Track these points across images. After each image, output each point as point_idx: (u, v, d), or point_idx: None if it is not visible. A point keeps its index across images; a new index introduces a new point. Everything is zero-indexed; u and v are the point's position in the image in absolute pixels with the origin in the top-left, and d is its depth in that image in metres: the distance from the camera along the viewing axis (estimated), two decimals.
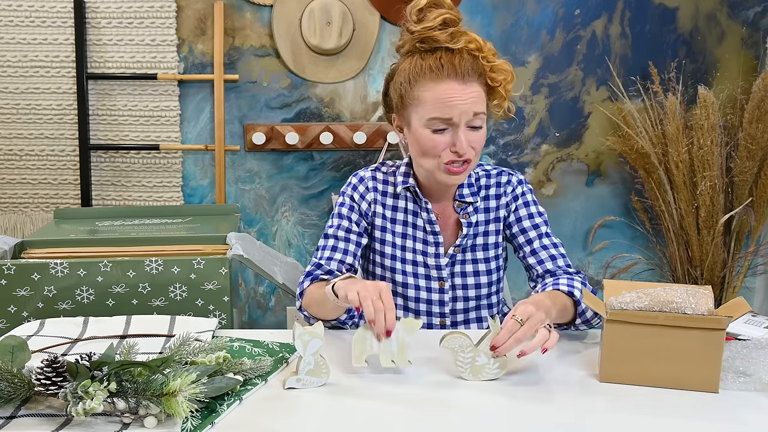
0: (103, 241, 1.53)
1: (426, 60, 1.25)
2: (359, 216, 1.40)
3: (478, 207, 1.39)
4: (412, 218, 1.39)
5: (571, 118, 2.54)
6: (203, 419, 0.89)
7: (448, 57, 1.24)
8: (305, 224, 2.56)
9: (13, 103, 2.40)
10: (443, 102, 1.23)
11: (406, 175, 1.39)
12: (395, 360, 1.04)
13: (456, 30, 1.24)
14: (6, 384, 0.89)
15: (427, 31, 1.24)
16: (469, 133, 1.26)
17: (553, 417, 0.94)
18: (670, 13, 2.48)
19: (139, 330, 1.22)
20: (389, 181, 1.42)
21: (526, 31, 2.47)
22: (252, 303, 2.61)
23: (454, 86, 1.23)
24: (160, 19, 2.38)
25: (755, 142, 2.28)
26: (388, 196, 1.41)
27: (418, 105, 1.26)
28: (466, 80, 1.23)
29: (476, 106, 1.24)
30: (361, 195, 1.40)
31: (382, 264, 1.40)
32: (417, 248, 1.38)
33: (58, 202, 2.48)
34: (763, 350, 1.06)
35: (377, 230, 1.40)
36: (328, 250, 1.36)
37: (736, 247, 2.42)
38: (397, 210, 1.40)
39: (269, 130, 2.46)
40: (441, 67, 1.23)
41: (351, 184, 1.43)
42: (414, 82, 1.26)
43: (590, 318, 1.25)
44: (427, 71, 1.24)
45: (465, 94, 1.23)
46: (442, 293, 1.38)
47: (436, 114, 1.24)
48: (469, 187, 1.39)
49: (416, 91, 1.26)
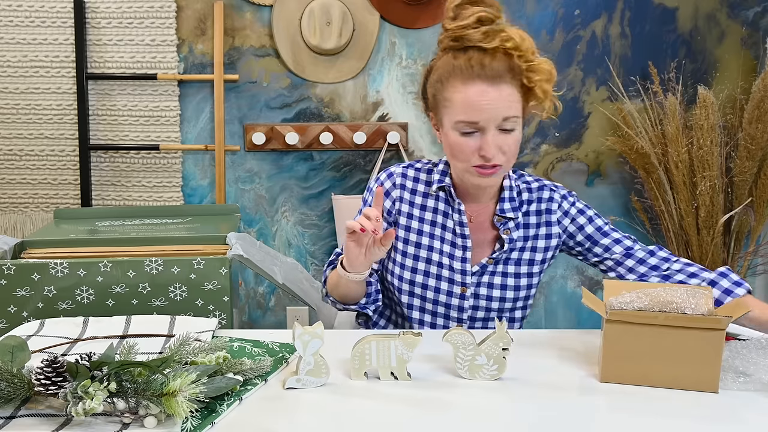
0: (103, 241, 1.53)
1: (458, 59, 1.21)
2: (381, 213, 1.35)
3: (520, 223, 1.34)
4: (441, 219, 1.35)
5: (571, 118, 2.54)
6: (203, 419, 0.89)
7: (479, 57, 1.20)
8: (305, 224, 2.56)
9: (13, 103, 2.40)
10: (470, 105, 1.19)
11: (444, 173, 1.35)
12: (394, 373, 1.04)
13: (491, 28, 1.20)
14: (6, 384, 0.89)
15: (461, 29, 1.21)
16: (498, 137, 1.21)
17: (553, 417, 0.94)
18: (669, 13, 2.48)
19: (139, 330, 1.22)
20: (421, 179, 1.38)
21: (525, 31, 2.46)
22: (252, 303, 2.61)
23: (483, 88, 1.19)
24: (160, 19, 2.38)
25: (755, 142, 2.28)
26: (418, 195, 1.37)
27: (448, 106, 1.23)
28: (497, 82, 1.19)
29: (506, 110, 1.20)
30: (386, 191, 1.37)
31: (403, 263, 1.36)
32: (444, 250, 1.33)
33: (58, 202, 2.48)
34: (763, 350, 1.06)
35: (401, 229, 1.36)
36: None
37: (736, 247, 2.42)
38: (426, 209, 1.36)
39: (269, 130, 2.46)
40: (471, 67, 1.19)
41: (379, 180, 1.39)
42: (445, 82, 1.23)
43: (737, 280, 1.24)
44: (458, 72, 1.21)
45: (494, 97, 1.19)
46: (462, 299, 1.34)
47: (462, 117, 1.20)
48: (510, 201, 1.34)
49: (447, 92, 1.23)
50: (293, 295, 1.65)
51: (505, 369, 1.05)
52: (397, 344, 1.03)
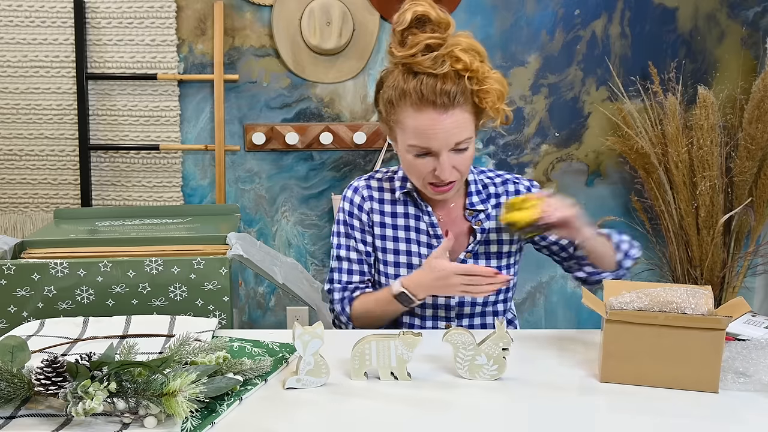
0: (103, 241, 1.53)
1: (408, 83, 1.20)
2: (361, 232, 1.38)
3: (491, 214, 1.36)
4: (414, 222, 1.37)
5: (571, 118, 2.54)
6: (203, 419, 0.89)
7: (430, 83, 1.18)
8: (305, 224, 2.56)
9: (13, 103, 2.40)
10: (423, 132, 1.20)
11: (404, 179, 1.37)
12: (394, 373, 1.04)
13: (440, 53, 1.18)
14: (6, 384, 0.89)
15: (409, 58, 1.20)
16: (453, 157, 1.23)
17: (553, 417, 0.94)
18: (669, 13, 2.48)
19: (139, 330, 1.22)
20: (385, 188, 1.39)
21: (526, 31, 2.47)
22: (252, 303, 2.61)
23: (435, 117, 1.19)
24: (160, 19, 2.38)
25: (755, 142, 2.28)
26: (386, 203, 1.38)
27: (401, 129, 1.24)
28: (448, 109, 1.19)
29: (459, 136, 1.21)
30: (358, 206, 1.39)
31: (386, 272, 1.38)
32: (422, 253, 1.36)
33: (58, 202, 2.48)
34: (763, 350, 1.06)
35: (378, 239, 1.38)
36: (346, 274, 1.39)
37: (736, 247, 2.42)
38: (397, 216, 1.38)
39: (269, 130, 2.46)
40: (421, 96, 1.19)
41: (347, 198, 1.40)
42: (396, 106, 1.23)
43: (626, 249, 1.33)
44: (409, 97, 1.20)
45: (447, 125, 1.19)
46: (448, 298, 1.35)
47: (415, 142, 1.22)
48: (477, 194, 1.37)
49: (398, 116, 1.24)
50: (293, 295, 1.65)
51: (505, 369, 1.05)
52: (397, 344, 1.03)
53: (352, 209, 1.39)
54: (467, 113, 1.22)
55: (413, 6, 1.19)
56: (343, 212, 1.40)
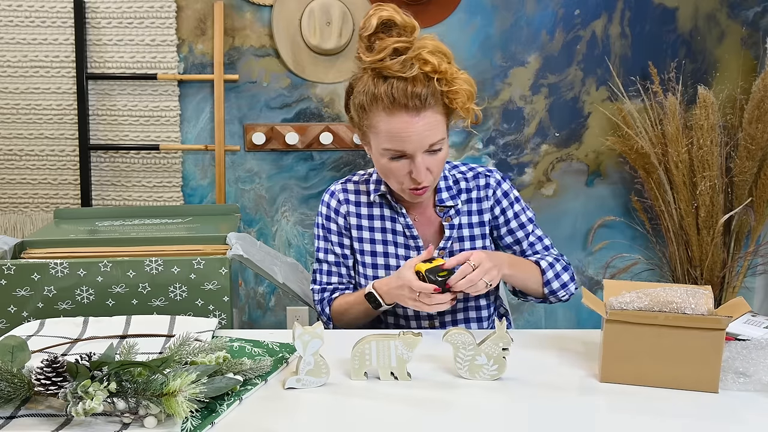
0: (103, 241, 1.53)
1: (379, 87, 1.22)
2: (338, 235, 1.41)
3: (461, 210, 1.38)
4: (390, 224, 1.39)
5: (571, 118, 2.54)
6: (203, 419, 0.89)
7: (401, 86, 1.19)
8: (305, 224, 2.56)
9: (13, 103, 2.40)
10: (396, 136, 1.21)
11: (379, 182, 1.39)
12: (394, 373, 1.04)
13: (408, 57, 1.20)
14: (6, 384, 0.89)
15: (378, 62, 1.21)
16: (427, 158, 1.24)
17: (553, 417, 0.94)
18: (669, 13, 2.48)
19: (139, 330, 1.22)
20: (362, 190, 1.42)
21: (525, 31, 2.47)
22: (252, 303, 2.61)
23: (407, 119, 1.20)
24: (160, 19, 2.38)
25: (755, 142, 2.28)
26: (363, 206, 1.41)
27: (375, 133, 1.25)
28: (420, 111, 1.20)
29: (432, 137, 1.22)
30: (335, 210, 1.41)
31: (365, 274, 1.40)
32: (399, 254, 1.38)
33: (58, 202, 2.48)
34: (763, 350, 1.06)
35: (355, 241, 1.40)
36: (325, 275, 1.44)
37: (736, 247, 2.42)
38: (374, 218, 1.40)
39: (269, 130, 2.46)
40: (393, 99, 1.20)
41: (324, 202, 1.43)
42: (368, 110, 1.24)
43: (556, 289, 1.33)
44: (380, 102, 1.21)
45: (419, 127, 1.20)
46: None
47: (389, 146, 1.23)
48: (447, 190, 1.38)
49: (371, 120, 1.25)
50: (293, 295, 1.65)
51: (505, 369, 1.05)
52: (397, 344, 1.03)
53: (329, 213, 1.42)
54: (438, 114, 1.23)
55: (378, 11, 1.21)
56: (321, 216, 1.43)
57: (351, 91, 1.31)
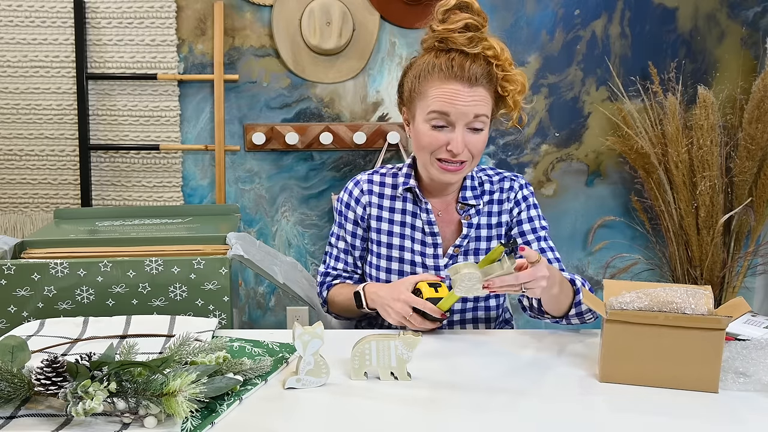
0: (103, 241, 1.53)
1: (440, 59, 1.27)
2: (354, 224, 1.43)
3: (481, 210, 1.39)
4: (410, 219, 1.39)
5: (571, 118, 2.54)
6: (203, 419, 0.89)
7: (460, 59, 1.25)
8: (305, 224, 2.56)
9: (13, 103, 2.40)
10: (444, 99, 1.24)
11: (408, 176, 1.40)
12: (394, 373, 1.04)
13: (476, 35, 1.25)
14: (6, 384, 0.89)
15: (447, 32, 1.26)
16: (467, 135, 1.26)
17: (553, 417, 0.94)
18: (669, 13, 2.48)
19: (139, 330, 1.22)
20: (387, 183, 1.43)
21: (526, 31, 2.47)
22: (252, 303, 2.61)
23: (459, 88, 1.24)
24: (160, 19, 2.38)
25: (755, 142, 2.28)
26: (386, 198, 1.42)
27: (422, 99, 1.28)
28: (473, 84, 1.24)
29: (477, 108, 1.25)
30: (356, 199, 1.43)
31: (378, 265, 1.41)
32: (415, 249, 1.38)
33: (58, 202, 2.48)
34: (763, 350, 1.06)
35: (373, 232, 1.42)
36: (333, 259, 1.47)
37: (736, 247, 2.42)
38: (395, 211, 1.41)
39: (269, 130, 2.46)
40: (451, 67, 1.24)
41: (347, 189, 1.46)
42: (423, 78, 1.28)
43: (584, 311, 1.27)
44: (437, 70, 1.26)
45: (468, 97, 1.24)
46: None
47: (435, 107, 1.25)
48: (472, 189, 1.39)
49: (423, 87, 1.28)
50: (293, 295, 1.65)
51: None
52: (397, 344, 1.03)
53: (349, 201, 1.44)
54: (489, 95, 1.27)
55: None
56: (341, 202, 1.46)
57: (409, 67, 1.34)
